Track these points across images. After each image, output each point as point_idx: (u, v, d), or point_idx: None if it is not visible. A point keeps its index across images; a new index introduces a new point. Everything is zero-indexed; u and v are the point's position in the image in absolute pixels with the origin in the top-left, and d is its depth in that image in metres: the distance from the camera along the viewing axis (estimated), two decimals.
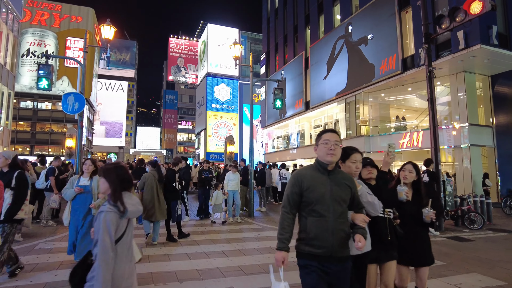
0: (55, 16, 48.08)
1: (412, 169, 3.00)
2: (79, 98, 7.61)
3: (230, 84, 53.67)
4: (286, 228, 2.20)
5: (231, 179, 8.86)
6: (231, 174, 8.91)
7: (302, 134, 23.44)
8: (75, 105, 7.52)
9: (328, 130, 2.29)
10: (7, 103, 23.13)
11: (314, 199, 2.14)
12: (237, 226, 7.99)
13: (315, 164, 2.29)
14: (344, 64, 18.17)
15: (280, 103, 9.86)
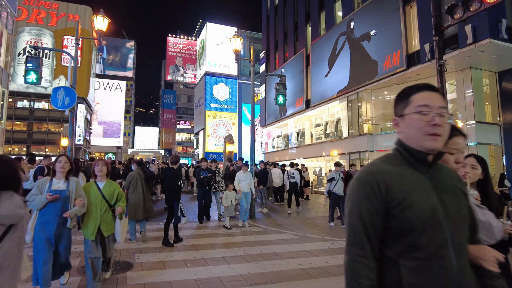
0: (52, 15, 47.54)
1: (476, 164, 2.01)
2: (70, 92, 7.15)
3: (229, 83, 53.29)
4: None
5: (242, 179, 8.17)
6: (241, 173, 8.25)
7: (303, 133, 23.01)
8: (66, 100, 7.06)
9: (423, 87, 1.23)
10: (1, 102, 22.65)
11: (417, 222, 1.08)
12: (238, 229, 7.54)
13: (399, 154, 1.23)
14: (346, 61, 17.75)
15: (282, 99, 9.44)
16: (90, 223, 3.70)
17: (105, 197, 3.78)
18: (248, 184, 8.20)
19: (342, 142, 18.01)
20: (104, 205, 3.77)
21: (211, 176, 8.59)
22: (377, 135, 16.46)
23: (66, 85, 47.11)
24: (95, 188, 3.80)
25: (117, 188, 3.92)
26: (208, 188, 8.57)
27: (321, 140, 20.42)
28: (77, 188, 3.62)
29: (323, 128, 20.45)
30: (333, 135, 19.41)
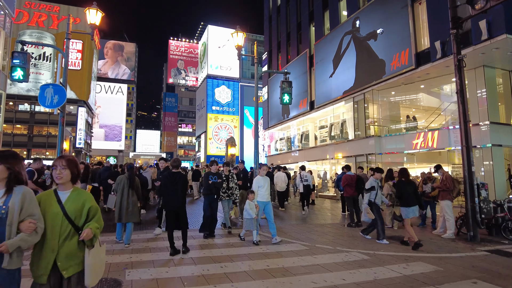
0: (52, 18, 47.37)
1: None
2: (59, 90, 6.60)
3: (231, 86, 52.89)
4: None
5: (261, 185, 6.81)
6: (261, 178, 6.90)
7: (307, 136, 22.42)
8: (54, 98, 6.51)
9: None
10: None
11: None
12: (239, 239, 6.92)
13: None
14: (351, 60, 17.19)
15: (288, 97, 8.88)
16: (42, 257, 2.34)
17: (68, 215, 2.40)
18: (267, 192, 6.86)
19: (347, 144, 17.41)
20: (66, 228, 2.38)
21: (221, 182, 7.31)
22: (384, 137, 15.86)
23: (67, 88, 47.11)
24: (54, 201, 2.43)
25: (88, 201, 2.51)
26: (217, 196, 7.27)
27: (325, 143, 19.81)
28: (25, 205, 2.27)
29: (328, 130, 19.86)
30: (338, 137, 18.81)
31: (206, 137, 50.15)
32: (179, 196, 5.82)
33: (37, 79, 45.10)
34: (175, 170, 5.96)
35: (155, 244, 6.37)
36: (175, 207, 5.77)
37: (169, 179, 5.88)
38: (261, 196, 6.77)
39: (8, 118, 44.17)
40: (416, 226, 8.56)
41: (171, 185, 5.81)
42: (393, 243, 6.79)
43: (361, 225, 8.31)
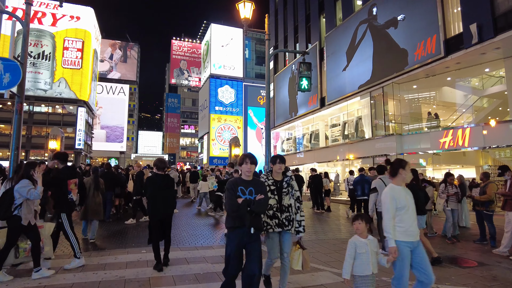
0: (52, 16, 46.15)
1: None
2: (12, 67, 5.13)
3: (234, 86, 51.41)
4: None
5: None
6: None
7: (316, 135, 20.84)
8: (5, 77, 5.03)
9: None
10: None
11: None
12: None
13: None
14: (368, 52, 15.64)
15: (307, 83, 7.40)
16: None
17: None
18: None
19: (364, 144, 15.82)
20: None
21: (265, 198, 3.29)
22: (406, 135, 14.29)
23: (66, 87, 45.68)
24: None
25: None
26: (257, 227, 3.28)
27: (338, 142, 18.24)
28: None
29: (341, 129, 18.28)
30: (352, 137, 17.23)
31: (209, 138, 48.71)
32: (170, 202, 5.10)
33: (36, 79, 43.91)
34: (161, 172, 5.09)
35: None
36: (166, 215, 5.04)
37: (158, 183, 4.99)
38: None
39: (5, 118, 43.05)
40: (474, 243, 6.99)
41: (160, 190, 4.94)
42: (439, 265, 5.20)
43: None
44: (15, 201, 4.32)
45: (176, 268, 4.83)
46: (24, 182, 4.37)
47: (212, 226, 8.76)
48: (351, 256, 3.04)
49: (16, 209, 4.29)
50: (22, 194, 4.31)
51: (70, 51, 46.14)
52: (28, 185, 4.35)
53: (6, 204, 4.30)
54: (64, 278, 4.31)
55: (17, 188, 4.32)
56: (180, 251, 5.87)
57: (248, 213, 3.12)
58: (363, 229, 3.10)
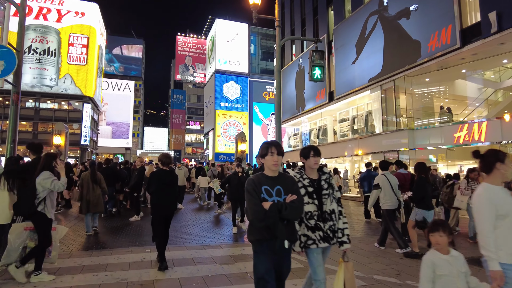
0: (57, 12, 46.01)
1: None
2: (7, 54, 4.79)
3: (240, 82, 51.02)
4: None
5: None
6: None
7: (324, 130, 20.39)
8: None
9: None
10: None
11: None
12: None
13: None
14: (378, 44, 15.14)
15: (320, 72, 6.99)
16: None
17: None
18: None
19: (374, 139, 15.37)
20: None
21: (299, 200, 2.50)
22: (419, 130, 13.82)
23: (71, 84, 45.62)
24: None
25: None
26: (291, 239, 2.52)
27: (347, 138, 17.78)
28: None
29: (350, 124, 17.82)
30: (362, 132, 16.78)
31: (214, 134, 48.47)
32: (173, 199, 4.93)
33: (41, 75, 43.91)
34: (166, 168, 4.92)
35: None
36: (169, 212, 4.83)
37: (162, 178, 4.80)
38: None
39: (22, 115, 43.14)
40: None
41: (164, 186, 4.75)
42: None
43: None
44: (37, 195, 4.01)
45: (182, 270, 4.51)
46: (46, 173, 4.07)
47: (218, 223, 8.44)
48: (428, 279, 2.21)
49: (39, 204, 3.99)
50: (45, 187, 4.01)
51: (75, 47, 46.05)
52: (51, 176, 4.06)
53: (29, 199, 3.97)
54: (62, 280, 4.01)
55: (39, 181, 4.02)
56: (187, 250, 5.56)
57: (280, 221, 2.36)
58: (445, 243, 2.26)
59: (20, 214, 4.06)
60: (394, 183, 5.93)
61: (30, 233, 4.08)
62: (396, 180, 6.01)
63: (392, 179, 5.97)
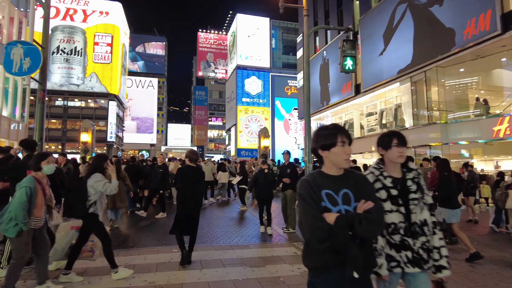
0: (83, 12, 47.21)
1: None
2: (33, 51, 4.74)
3: (261, 77, 50.66)
4: None
5: None
6: None
7: (351, 124, 19.80)
8: (25, 62, 4.66)
9: None
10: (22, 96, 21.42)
11: None
12: (289, 264, 4.79)
13: None
14: (408, 34, 14.41)
15: (351, 62, 6.64)
16: None
17: None
18: None
19: (404, 133, 14.50)
20: None
21: (378, 211, 1.72)
22: (453, 123, 13.08)
23: (97, 82, 46.80)
24: None
25: None
26: (369, 265, 1.76)
27: (375, 132, 17.17)
28: None
29: (378, 118, 17.18)
30: (390, 126, 16.13)
31: (236, 130, 48.49)
32: (199, 196, 4.92)
33: (69, 74, 45.27)
34: (193, 164, 4.91)
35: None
36: (194, 209, 4.79)
37: (189, 175, 4.80)
38: None
39: (53, 113, 44.93)
40: None
41: (191, 182, 4.76)
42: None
43: (456, 242, 5.86)
44: (89, 197, 3.94)
45: (211, 272, 4.32)
46: (98, 176, 4.00)
47: (244, 221, 8.25)
48: None
49: (91, 206, 3.95)
50: (97, 189, 3.94)
51: (100, 46, 47.14)
52: (102, 179, 3.99)
53: (82, 201, 3.92)
54: (90, 282, 3.91)
55: (91, 184, 3.95)
56: (215, 251, 5.38)
57: (352, 241, 1.63)
58: None
59: (72, 216, 4.04)
60: None
61: (76, 232, 4.07)
62: None
63: None
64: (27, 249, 3.42)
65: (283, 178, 6.77)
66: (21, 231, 3.33)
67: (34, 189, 3.43)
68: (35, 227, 3.55)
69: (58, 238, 3.98)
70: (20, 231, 3.32)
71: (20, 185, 3.44)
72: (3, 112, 20.09)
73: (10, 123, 20.82)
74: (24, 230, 3.34)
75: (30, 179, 3.47)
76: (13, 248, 3.43)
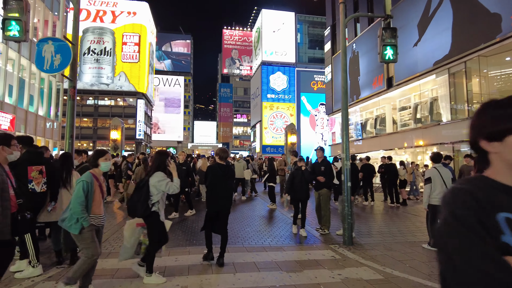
0: (112, 13, 48.42)
1: None
2: (63, 48, 4.66)
3: (287, 72, 50.03)
4: None
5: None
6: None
7: (382, 119, 19.01)
8: (56, 59, 4.58)
9: None
10: (56, 95, 22.17)
11: None
12: (330, 269, 4.46)
13: None
14: (445, 22, 13.54)
15: (392, 52, 6.18)
16: None
17: None
18: None
19: (441, 128, 13.88)
20: None
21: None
22: None
23: (126, 81, 47.96)
24: None
25: None
26: None
27: (409, 127, 16.37)
28: None
29: (412, 112, 16.36)
30: (426, 120, 15.30)
31: (261, 126, 48.23)
32: (230, 194, 4.83)
33: (99, 74, 46.65)
34: (223, 162, 4.79)
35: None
36: (224, 207, 4.71)
37: (219, 173, 4.69)
38: None
39: (84, 112, 46.67)
40: None
41: (221, 180, 4.66)
42: None
43: None
44: (151, 197, 3.82)
45: (246, 277, 4.07)
46: (160, 175, 3.86)
47: (275, 220, 7.96)
48: None
49: (153, 205, 3.85)
50: (160, 189, 3.82)
51: (128, 46, 48.18)
52: (165, 178, 3.86)
53: (145, 201, 3.81)
54: (120, 285, 3.76)
55: (153, 183, 3.82)
56: (247, 252, 5.13)
57: None
58: None
59: (136, 216, 3.91)
60: (447, 177, 5.49)
61: (142, 229, 4.00)
62: (449, 174, 5.59)
63: (445, 173, 5.54)
64: (95, 245, 3.37)
65: (317, 177, 6.39)
66: (82, 227, 3.28)
67: (91, 184, 3.34)
68: (97, 225, 3.48)
69: (125, 236, 3.92)
70: (82, 228, 3.27)
71: (78, 180, 3.39)
72: (39, 111, 20.87)
73: (46, 122, 21.59)
74: (85, 226, 3.28)
75: (88, 175, 3.39)
76: (81, 247, 3.39)
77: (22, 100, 19.26)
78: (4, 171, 2.79)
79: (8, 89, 18.14)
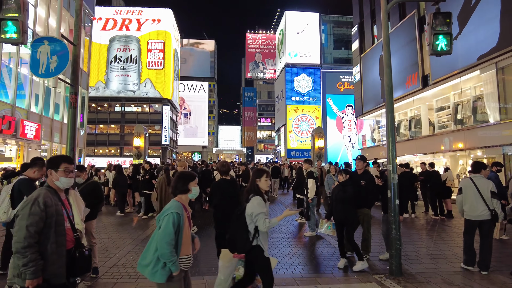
0: (137, 21, 49.28)
1: None
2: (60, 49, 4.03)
3: (311, 74, 48.84)
4: None
5: None
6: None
7: (417, 121, 17.60)
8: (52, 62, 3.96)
9: None
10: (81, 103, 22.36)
11: None
12: None
13: None
14: (492, 11, 12.15)
15: (445, 42, 5.19)
16: None
17: None
18: None
19: (486, 130, 12.43)
20: None
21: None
22: None
23: (151, 87, 48.59)
24: None
25: None
26: None
27: (448, 129, 14.96)
28: None
29: (451, 112, 14.92)
30: (468, 121, 13.87)
31: (286, 130, 47.26)
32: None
33: (126, 81, 47.47)
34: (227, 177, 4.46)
35: None
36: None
37: (224, 189, 4.37)
38: None
39: (103, 119, 47.66)
40: None
41: (228, 198, 4.29)
42: None
43: None
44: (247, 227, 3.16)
45: None
46: (257, 199, 3.15)
47: (316, 246, 7.04)
48: None
49: (254, 238, 3.13)
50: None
51: (153, 53, 48.78)
52: (263, 202, 3.16)
53: (244, 233, 3.14)
54: None
55: (250, 212, 3.16)
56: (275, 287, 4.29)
57: None
58: None
59: (235, 251, 3.19)
60: (484, 189, 4.85)
61: (240, 261, 3.40)
62: (489, 185, 4.90)
63: (482, 184, 4.90)
64: None
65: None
66: (171, 274, 2.56)
67: (182, 216, 2.62)
68: (185, 269, 2.73)
69: (220, 267, 3.52)
70: (170, 274, 2.56)
71: (165, 211, 2.64)
72: (64, 119, 21.08)
73: None
74: (174, 272, 2.56)
75: (178, 204, 2.67)
76: None
77: (48, 109, 19.46)
78: (59, 199, 2.39)
79: (35, 98, 18.36)
